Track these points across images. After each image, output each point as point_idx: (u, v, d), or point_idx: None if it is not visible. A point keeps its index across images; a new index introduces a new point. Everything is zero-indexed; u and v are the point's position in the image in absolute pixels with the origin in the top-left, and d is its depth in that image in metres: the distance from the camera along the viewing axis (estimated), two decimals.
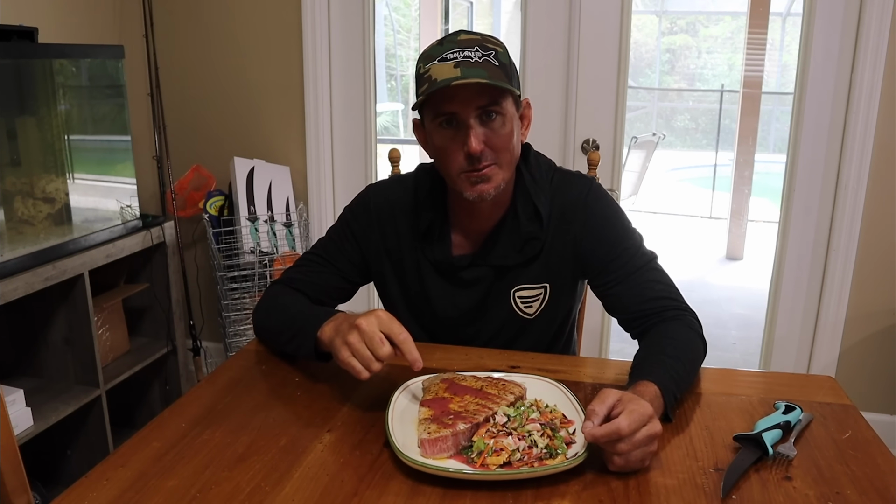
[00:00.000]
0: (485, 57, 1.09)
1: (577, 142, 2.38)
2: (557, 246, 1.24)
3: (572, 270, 1.26)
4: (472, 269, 1.25)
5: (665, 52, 8.80)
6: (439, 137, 1.14)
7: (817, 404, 1.09)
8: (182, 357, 2.51)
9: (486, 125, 1.11)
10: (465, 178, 1.14)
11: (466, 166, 1.13)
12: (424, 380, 1.09)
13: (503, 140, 1.13)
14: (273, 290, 1.32)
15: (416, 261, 1.28)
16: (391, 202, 1.30)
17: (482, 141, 1.11)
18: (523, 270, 1.25)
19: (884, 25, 2.08)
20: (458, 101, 1.09)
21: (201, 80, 2.63)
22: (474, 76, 1.07)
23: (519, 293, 1.26)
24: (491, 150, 1.12)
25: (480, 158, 1.11)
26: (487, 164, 1.12)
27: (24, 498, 1.11)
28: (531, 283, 1.25)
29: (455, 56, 1.09)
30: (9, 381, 1.99)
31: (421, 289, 1.30)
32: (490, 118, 1.11)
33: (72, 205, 2.05)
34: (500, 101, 1.11)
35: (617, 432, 0.85)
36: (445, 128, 1.13)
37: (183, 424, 1.02)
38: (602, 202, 1.25)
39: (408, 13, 6.16)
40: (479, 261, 1.25)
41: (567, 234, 1.23)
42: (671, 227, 6.15)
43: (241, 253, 2.44)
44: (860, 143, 2.17)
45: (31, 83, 1.93)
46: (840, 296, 2.31)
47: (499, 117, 1.12)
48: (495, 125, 1.12)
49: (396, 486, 0.88)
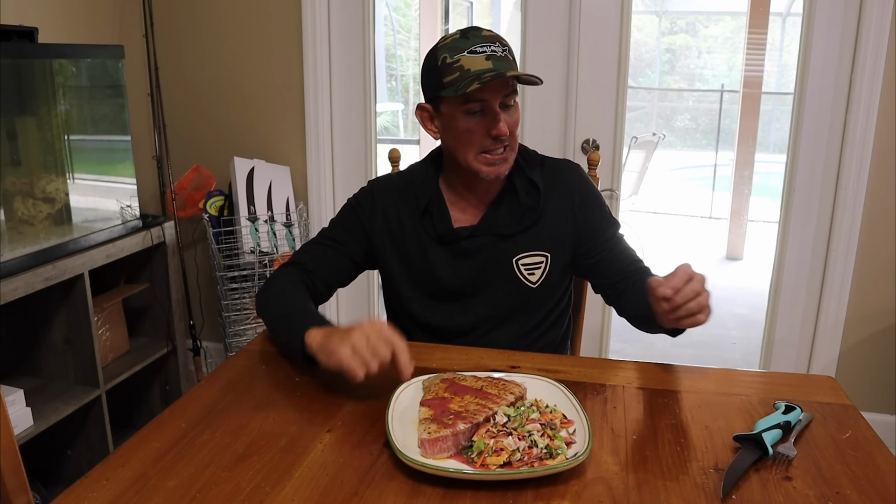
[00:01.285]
0: (504, 51, 1.24)
1: (577, 142, 2.38)
2: (554, 216, 1.35)
3: (570, 239, 1.36)
4: (474, 240, 1.34)
5: (665, 52, 8.79)
6: (465, 122, 1.25)
7: (817, 404, 1.09)
8: (182, 357, 2.51)
9: (506, 112, 1.25)
10: (483, 158, 1.26)
11: (490, 146, 1.25)
12: (424, 380, 1.09)
13: (515, 125, 1.28)
14: (279, 274, 1.35)
15: (417, 237, 1.36)
16: (391, 189, 1.40)
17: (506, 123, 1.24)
18: (523, 239, 1.34)
19: (884, 25, 2.08)
20: (490, 90, 1.21)
21: (201, 80, 2.63)
22: (506, 69, 1.21)
23: (522, 261, 1.35)
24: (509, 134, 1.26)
25: (504, 140, 1.25)
26: (506, 146, 1.27)
27: (24, 498, 1.11)
28: (532, 250, 1.35)
29: (484, 50, 1.22)
30: (9, 381, 1.99)
31: (424, 263, 1.36)
32: (508, 107, 1.25)
33: (72, 205, 2.05)
34: (515, 92, 1.26)
35: (686, 274, 1.04)
36: (473, 114, 1.24)
37: (183, 424, 1.02)
38: (591, 183, 1.42)
39: (408, 13, 6.16)
40: (479, 231, 1.34)
41: (563, 206, 1.36)
42: (671, 227, 6.15)
43: (241, 253, 2.44)
44: (860, 143, 2.17)
45: (31, 83, 1.93)
46: (840, 296, 2.31)
47: (514, 105, 1.27)
48: (511, 112, 1.26)
49: (396, 486, 0.88)
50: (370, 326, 1.04)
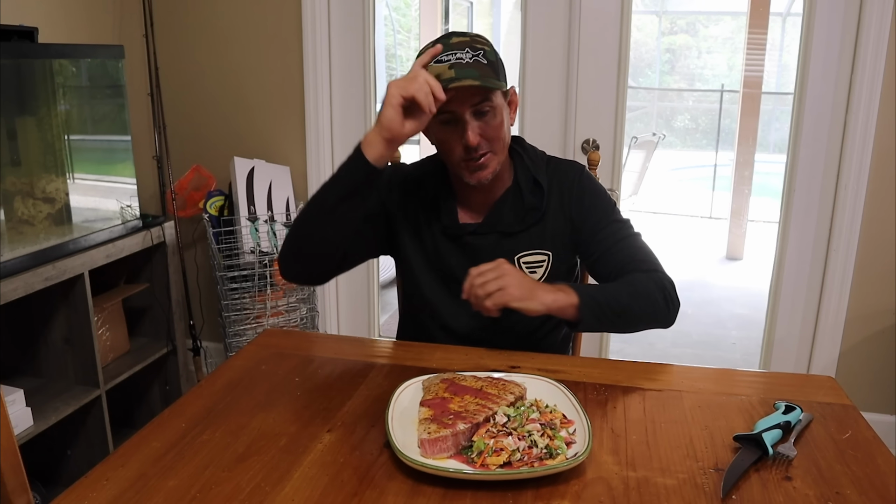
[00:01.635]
0: (475, 57, 1.22)
1: (577, 142, 2.38)
2: (556, 216, 1.36)
3: (570, 238, 1.37)
4: (478, 237, 1.36)
5: (665, 52, 8.79)
6: (439, 132, 1.28)
7: (817, 404, 1.09)
8: (182, 357, 2.51)
9: (480, 119, 1.25)
10: (464, 165, 1.28)
11: (465, 156, 1.26)
12: (424, 380, 1.09)
13: (495, 130, 1.27)
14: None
15: (429, 225, 1.39)
16: (407, 176, 1.43)
17: (478, 134, 1.25)
18: (526, 238, 1.36)
19: (884, 25, 2.08)
20: (455, 100, 1.21)
21: (201, 80, 2.63)
22: (467, 77, 1.19)
23: (524, 259, 1.36)
24: (486, 141, 1.26)
25: (477, 149, 1.25)
26: (483, 153, 1.26)
27: (24, 498, 1.11)
28: (535, 248, 1.36)
29: (449, 58, 1.21)
30: (9, 381, 1.99)
31: (435, 249, 1.38)
32: (483, 113, 1.25)
33: (72, 205, 2.05)
34: (491, 97, 1.24)
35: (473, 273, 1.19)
36: (445, 123, 1.25)
37: (183, 424, 1.02)
38: (592, 181, 1.41)
39: (408, 13, 6.16)
40: (484, 228, 1.36)
41: (564, 206, 1.36)
42: (671, 227, 6.15)
43: (241, 253, 2.44)
44: (860, 143, 2.17)
45: (31, 83, 1.93)
46: (840, 296, 2.31)
47: (490, 111, 1.25)
48: (488, 118, 1.25)
49: (396, 486, 0.88)
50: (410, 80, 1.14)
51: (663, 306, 1.25)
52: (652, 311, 1.25)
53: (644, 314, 1.25)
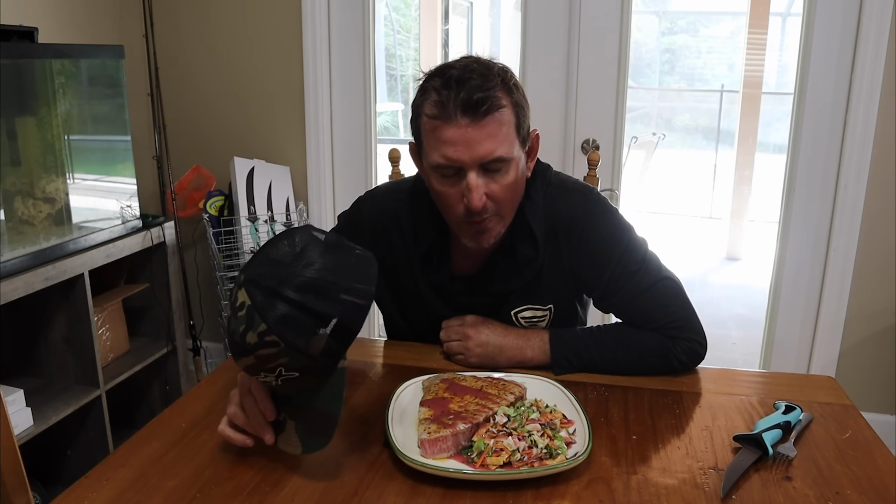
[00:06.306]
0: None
1: (577, 142, 2.38)
2: (554, 270, 1.20)
3: (574, 289, 1.24)
4: (470, 296, 1.22)
5: (665, 52, 8.77)
6: (438, 183, 1.07)
7: (817, 404, 1.09)
8: (182, 357, 2.51)
9: (489, 175, 1.05)
10: (464, 227, 1.10)
11: (466, 217, 1.07)
12: (424, 380, 1.09)
13: (506, 190, 1.07)
14: None
15: (411, 273, 1.24)
16: (385, 217, 1.25)
17: (483, 194, 1.04)
18: (522, 295, 1.22)
19: (884, 25, 2.08)
20: (459, 147, 1.02)
21: (201, 80, 2.63)
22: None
23: (522, 315, 1.23)
24: (492, 203, 1.06)
25: (482, 213, 1.06)
26: (487, 216, 1.07)
27: (24, 498, 1.11)
28: (532, 304, 1.23)
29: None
30: (9, 381, 1.99)
31: (417, 298, 1.26)
32: (494, 170, 1.05)
33: (72, 205, 2.05)
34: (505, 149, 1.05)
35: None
36: (447, 177, 1.06)
37: (183, 424, 1.02)
38: (599, 220, 1.18)
39: (408, 13, 6.16)
40: (475, 285, 1.21)
41: (563, 259, 1.19)
42: (671, 227, 6.14)
43: (241, 253, 2.44)
44: (860, 143, 2.17)
45: (31, 83, 1.93)
46: (840, 296, 2.31)
47: (503, 167, 1.05)
48: (498, 175, 1.05)
49: (396, 486, 0.88)
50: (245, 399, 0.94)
51: (660, 367, 1.16)
52: (644, 370, 1.17)
53: (635, 371, 1.17)
